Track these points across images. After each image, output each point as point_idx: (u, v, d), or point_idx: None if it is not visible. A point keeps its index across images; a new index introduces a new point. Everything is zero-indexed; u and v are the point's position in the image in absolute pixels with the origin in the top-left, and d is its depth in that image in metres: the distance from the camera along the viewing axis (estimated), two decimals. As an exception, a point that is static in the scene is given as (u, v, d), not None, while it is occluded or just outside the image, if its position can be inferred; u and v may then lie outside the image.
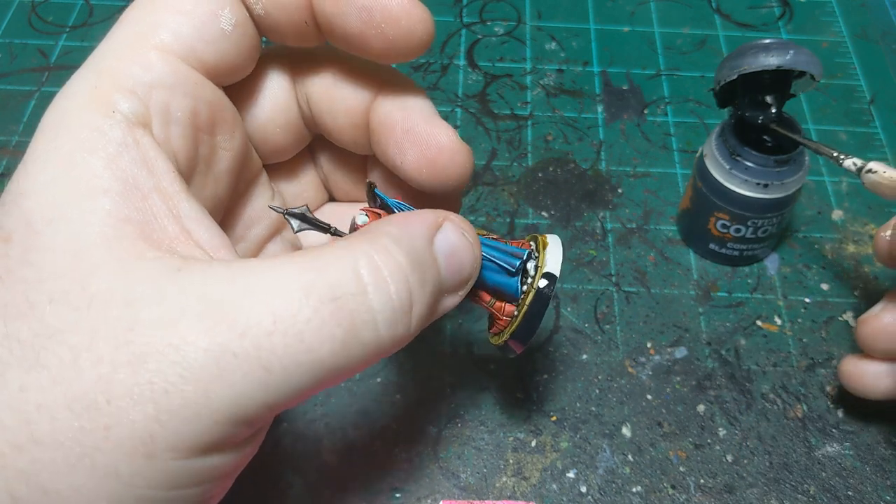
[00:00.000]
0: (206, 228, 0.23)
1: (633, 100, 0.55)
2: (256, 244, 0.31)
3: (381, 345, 0.22)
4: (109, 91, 0.22)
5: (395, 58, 0.26)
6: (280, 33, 0.27)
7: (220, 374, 0.20)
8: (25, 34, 0.57)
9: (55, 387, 0.19)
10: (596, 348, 0.42)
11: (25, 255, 0.20)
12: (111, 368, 0.19)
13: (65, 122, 0.22)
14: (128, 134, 0.22)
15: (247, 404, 0.20)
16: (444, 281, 0.25)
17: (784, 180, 0.40)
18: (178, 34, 0.24)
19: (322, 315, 0.21)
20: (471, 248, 0.26)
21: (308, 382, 0.21)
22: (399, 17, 0.25)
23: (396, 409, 0.40)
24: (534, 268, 0.29)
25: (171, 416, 0.19)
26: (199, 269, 0.21)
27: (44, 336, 0.20)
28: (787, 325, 0.44)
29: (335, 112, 0.29)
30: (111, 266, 0.20)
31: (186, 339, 0.19)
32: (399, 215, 0.25)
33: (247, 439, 0.22)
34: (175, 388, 0.19)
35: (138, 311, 0.20)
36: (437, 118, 0.28)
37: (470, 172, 0.29)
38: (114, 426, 0.19)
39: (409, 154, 0.28)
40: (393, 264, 0.22)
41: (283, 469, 0.37)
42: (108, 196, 0.21)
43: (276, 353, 0.20)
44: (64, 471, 0.19)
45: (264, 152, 0.30)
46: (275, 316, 0.20)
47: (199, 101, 0.25)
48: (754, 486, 0.38)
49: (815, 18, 0.61)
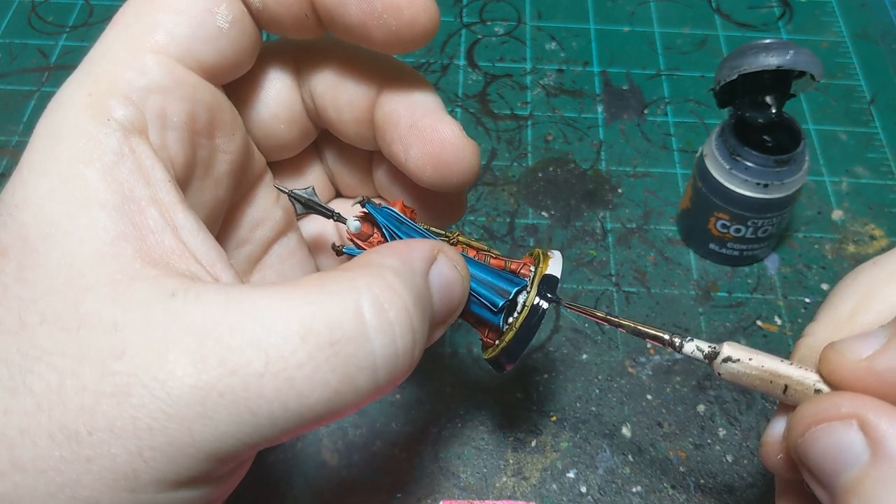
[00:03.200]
0: (202, 241, 0.22)
1: (633, 100, 0.55)
2: (262, 246, 0.30)
3: (378, 389, 0.21)
4: (105, 97, 0.22)
5: (399, 48, 0.25)
6: (279, 26, 0.26)
7: (205, 413, 0.19)
8: (25, 34, 0.57)
9: (39, 413, 0.19)
10: (596, 348, 0.42)
11: (21, 273, 0.20)
12: (94, 399, 0.19)
13: (60, 130, 0.21)
14: (123, 143, 0.21)
15: (229, 443, 0.19)
16: (436, 314, 0.24)
17: (784, 180, 0.40)
18: (174, 35, 0.23)
19: (317, 361, 0.20)
20: (461, 283, 0.25)
21: (293, 426, 0.20)
22: (401, 6, 0.24)
23: (396, 409, 0.40)
24: (523, 299, 0.28)
25: (154, 452, 0.19)
26: (193, 294, 0.20)
27: (32, 357, 0.19)
28: (787, 325, 0.44)
29: (340, 107, 0.28)
30: (104, 287, 0.20)
31: (174, 373, 0.19)
32: (398, 245, 0.25)
33: (229, 472, 0.21)
34: (158, 425, 0.19)
35: (127, 337, 0.19)
36: (442, 113, 0.28)
37: (476, 170, 0.28)
38: (95, 458, 0.19)
39: (413, 150, 0.27)
40: (399, 304, 0.21)
41: (284, 468, 0.37)
42: (105, 210, 0.21)
43: (264, 396, 0.19)
44: (45, 499, 0.19)
45: (269, 149, 0.29)
46: (267, 357, 0.19)
47: (197, 105, 0.24)
48: (754, 486, 0.38)
49: (815, 18, 0.61)
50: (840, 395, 0.23)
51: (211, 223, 0.26)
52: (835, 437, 0.22)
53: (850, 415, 0.22)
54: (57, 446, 0.19)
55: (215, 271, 0.22)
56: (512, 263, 0.29)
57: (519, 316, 0.28)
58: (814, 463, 0.22)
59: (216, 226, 0.27)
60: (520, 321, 0.27)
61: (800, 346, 0.27)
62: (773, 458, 0.26)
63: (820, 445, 0.22)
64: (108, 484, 0.19)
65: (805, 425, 0.23)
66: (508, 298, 0.28)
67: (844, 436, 0.22)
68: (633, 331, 0.28)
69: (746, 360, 0.25)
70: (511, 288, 0.28)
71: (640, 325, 0.28)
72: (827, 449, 0.22)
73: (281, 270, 0.30)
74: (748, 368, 0.25)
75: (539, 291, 0.28)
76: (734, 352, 0.25)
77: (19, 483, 0.19)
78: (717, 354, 0.25)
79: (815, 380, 0.24)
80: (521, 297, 0.28)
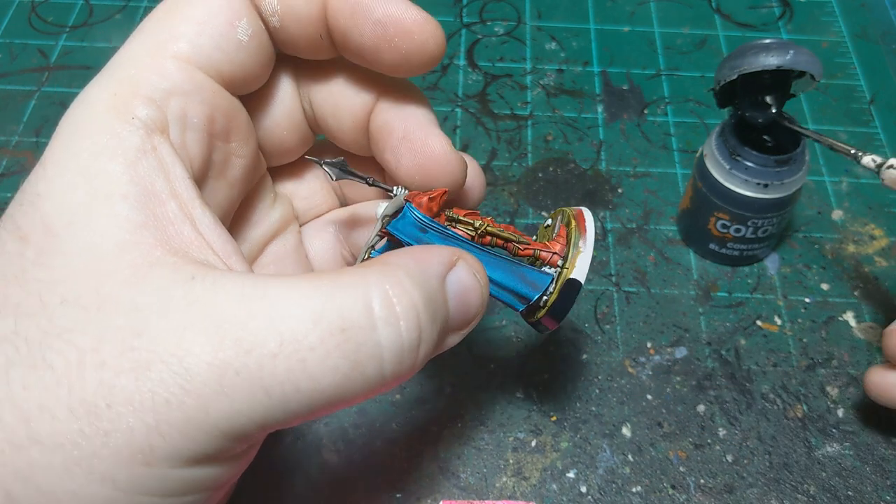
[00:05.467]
0: (218, 235, 0.23)
1: (633, 100, 0.55)
2: (258, 245, 0.31)
3: (384, 380, 0.22)
4: (128, 98, 0.23)
5: (407, 71, 0.27)
6: (295, 46, 0.27)
7: (221, 390, 0.19)
8: (25, 34, 0.57)
9: (58, 388, 0.19)
10: (596, 348, 0.42)
11: (41, 258, 0.21)
12: (114, 373, 0.19)
13: (84, 126, 0.22)
14: (146, 140, 0.22)
15: (243, 422, 0.20)
16: (451, 319, 0.25)
17: (784, 180, 0.40)
18: (196, 44, 0.24)
19: (328, 345, 0.21)
20: (480, 291, 0.26)
21: (304, 409, 0.21)
22: (412, 31, 0.25)
23: (396, 409, 0.40)
24: (559, 266, 0.29)
25: (170, 427, 0.19)
26: (211, 280, 0.21)
27: (52, 335, 0.20)
28: (787, 325, 0.44)
29: (338, 115, 0.29)
30: (125, 272, 0.21)
31: (191, 350, 0.19)
32: (417, 248, 0.26)
33: (241, 452, 0.22)
34: (176, 400, 0.19)
35: (146, 317, 0.20)
36: (433, 127, 0.29)
37: (461, 181, 0.29)
38: (113, 432, 0.19)
39: (403, 159, 0.28)
40: (406, 300, 0.22)
41: (284, 468, 0.37)
42: (126, 201, 0.21)
43: (277, 376, 0.20)
44: (61, 473, 0.19)
45: (271, 154, 0.31)
46: (281, 338, 0.20)
47: (216, 110, 0.25)
48: (754, 486, 0.38)
49: (815, 18, 0.61)
50: None
51: (222, 223, 0.27)
52: None
53: None
54: (76, 419, 0.19)
55: (230, 263, 0.23)
56: (542, 252, 0.29)
57: (555, 289, 0.29)
58: None
59: (226, 226, 0.28)
60: (554, 296, 0.29)
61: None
62: None
63: None
64: (125, 458, 0.19)
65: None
66: (529, 304, 0.29)
67: None
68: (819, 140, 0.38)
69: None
70: (533, 294, 0.28)
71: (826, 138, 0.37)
72: None
73: (277, 270, 0.31)
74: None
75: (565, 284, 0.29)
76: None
77: (36, 458, 0.19)
78: (885, 164, 0.35)
79: None
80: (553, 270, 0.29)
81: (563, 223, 0.30)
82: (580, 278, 0.28)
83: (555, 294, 0.28)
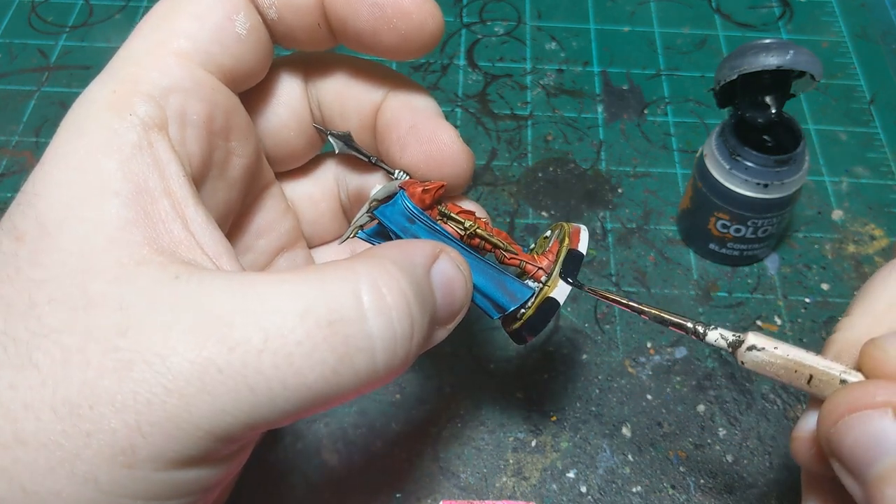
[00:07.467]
0: (210, 235, 0.23)
1: (633, 100, 0.55)
2: (266, 255, 0.31)
3: (377, 373, 0.22)
4: (128, 95, 0.23)
5: (407, 53, 0.27)
6: (293, 38, 0.27)
7: (203, 389, 0.19)
8: (25, 34, 0.57)
9: (43, 388, 0.19)
10: (596, 348, 0.42)
11: (35, 256, 0.21)
12: (97, 374, 0.19)
13: (82, 124, 0.22)
14: (143, 136, 0.22)
15: (228, 422, 0.20)
16: (438, 312, 0.25)
17: (784, 180, 0.40)
18: (195, 39, 0.24)
19: (315, 339, 0.20)
20: (464, 282, 0.26)
21: (293, 406, 0.20)
22: (410, 11, 0.25)
23: (396, 409, 0.40)
24: (541, 283, 0.29)
25: (152, 427, 0.19)
26: (196, 278, 0.21)
27: (39, 335, 0.20)
28: (787, 325, 0.44)
29: (347, 114, 0.30)
30: (113, 270, 0.20)
31: (175, 349, 0.19)
32: (401, 242, 0.26)
33: (229, 455, 0.22)
34: (158, 400, 0.19)
35: (131, 316, 0.20)
36: (441, 119, 0.29)
37: (468, 175, 0.29)
38: (94, 433, 0.19)
39: (409, 148, 0.28)
40: (396, 290, 0.22)
41: (284, 468, 0.37)
42: (118, 198, 0.21)
43: (263, 372, 0.20)
44: (45, 473, 0.19)
45: (279, 158, 0.30)
46: (266, 334, 0.20)
47: (215, 107, 0.25)
48: (754, 486, 0.38)
49: (815, 18, 0.61)
50: (873, 383, 0.22)
51: (221, 224, 0.27)
52: (869, 426, 0.21)
53: (885, 403, 0.21)
54: (59, 420, 0.19)
55: (220, 262, 0.23)
56: (528, 265, 0.29)
57: (532, 304, 0.28)
58: (846, 452, 0.22)
59: (225, 228, 0.28)
60: (531, 311, 0.28)
61: (835, 341, 0.26)
62: (804, 452, 0.25)
63: (853, 435, 0.22)
64: (107, 459, 0.19)
65: (838, 414, 0.22)
66: (504, 314, 0.28)
67: (879, 424, 0.21)
68: (656, 318, 0.27)
69: (771, 348, 0.25)
70: (509, 306, 0.28)
71: (664, 311, 0.27)
72: (860, 438, 0.21)
73: None
74: (773, 357, 0.25)
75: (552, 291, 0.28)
76: (759, 340, 0.25)
77: (20, 457, 0.19)
78: (742, 343, 0.25)
79: (841, 370, 0.24)
80: (542, 277, 0.29)
81: (558, 238, 0.30)
82: (560, 299, 0.28)
83: (532, 309, 0.28)
